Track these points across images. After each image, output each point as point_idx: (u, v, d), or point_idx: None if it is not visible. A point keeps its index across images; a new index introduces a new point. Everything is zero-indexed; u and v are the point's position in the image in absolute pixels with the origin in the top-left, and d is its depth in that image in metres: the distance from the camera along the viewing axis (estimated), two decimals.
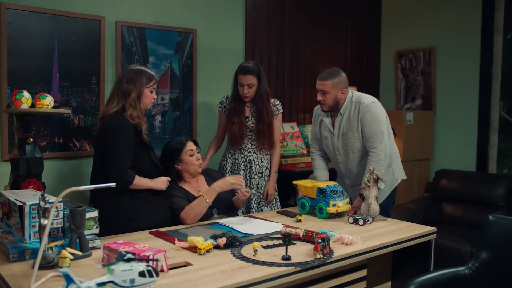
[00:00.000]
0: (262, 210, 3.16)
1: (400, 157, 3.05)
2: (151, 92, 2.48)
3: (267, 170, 3.20)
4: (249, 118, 3.13)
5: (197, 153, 2.73)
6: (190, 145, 2.71)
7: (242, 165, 3.15)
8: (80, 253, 1.83)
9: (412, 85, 4.83)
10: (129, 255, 1.50)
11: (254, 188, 3.15)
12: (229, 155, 3.20)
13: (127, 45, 3.30)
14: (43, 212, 1.73)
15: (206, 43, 3.72)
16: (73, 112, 3.11)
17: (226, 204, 2.77)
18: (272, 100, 3.18)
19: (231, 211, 2.81)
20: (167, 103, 3.53)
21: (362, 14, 4.88)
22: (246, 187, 3.10)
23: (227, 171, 3.17)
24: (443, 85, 4.58)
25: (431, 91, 4.65)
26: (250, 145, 3.16)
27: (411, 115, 4.40)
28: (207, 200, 2.49)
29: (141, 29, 3.36)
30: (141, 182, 2.40)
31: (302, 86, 4.40)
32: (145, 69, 2.49)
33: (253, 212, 3.12)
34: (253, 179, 3.14)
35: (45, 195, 1.79)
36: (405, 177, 3.05)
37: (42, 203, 1.74)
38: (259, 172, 3.17)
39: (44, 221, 1.71)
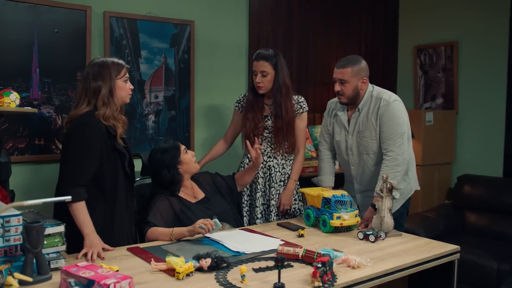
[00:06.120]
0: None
1: (415, 164, 2.78)
2: (126, 81, 2.17)
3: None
4: (268, 118, 2.82)
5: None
6: (181, 145, 2.58)
7: (260, 172, 2.82)
8: (30, 279, 1.55)
9: (432, 82, 4.60)
10: None
11: (274, 199, 2.81)
12: (247, 160, 2.88)
13: (116, 38, 3.03)
14: None
15: (205, 36, 3.46)
16: (56, 111, 2.85)
17: (227, 216, 2.55)
18: (295, 97, 2.86)
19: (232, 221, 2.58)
20: (161, 101, 3.25)
21: (378, 5, 4.63)
22: (265, 196, 2.83)
23: None
24: (466, 82, 4.34)
25: (453, 89, 4.41)
26: (270, 149, 2.83)
27: (431, 115, 4.18)
28: (172, 238, 2.21)
29: (132, 21, 3.09)
30: (79, 214, 1.97)
31: (311, 84, 4.14)
32: (110, 59, 2.17)
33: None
34: (272, 188, 2.81)
35: None
36: (418, 188, 2.80)
37: None
38: (280, 181, 2.83)
39: None
